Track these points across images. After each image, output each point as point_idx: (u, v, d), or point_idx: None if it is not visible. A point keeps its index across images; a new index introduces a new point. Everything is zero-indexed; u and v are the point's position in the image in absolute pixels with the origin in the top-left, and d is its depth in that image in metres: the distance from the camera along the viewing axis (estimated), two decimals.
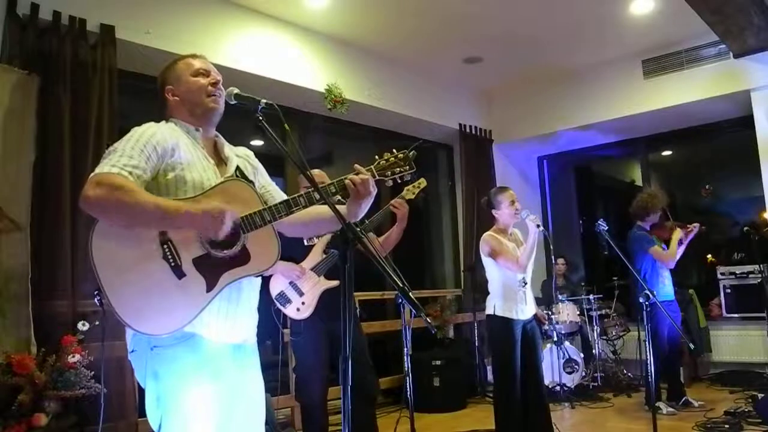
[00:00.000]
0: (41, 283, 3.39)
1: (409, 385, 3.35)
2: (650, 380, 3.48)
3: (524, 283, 3.61)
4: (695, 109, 5.93)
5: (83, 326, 3.31)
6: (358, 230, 1.66)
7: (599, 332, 5.97)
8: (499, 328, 3.59)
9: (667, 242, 4.87)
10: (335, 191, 1.79)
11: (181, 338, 1.61)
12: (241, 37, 4.70)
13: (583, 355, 5.77)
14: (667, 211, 4.91)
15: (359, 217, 1.87)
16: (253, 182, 1.88)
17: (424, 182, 3.37)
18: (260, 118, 1.74)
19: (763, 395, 4.46)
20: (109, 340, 3.08)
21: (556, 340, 5.52)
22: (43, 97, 3.51)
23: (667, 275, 4.82)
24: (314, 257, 3.34)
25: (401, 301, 3.18)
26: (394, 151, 1.87)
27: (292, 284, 3.28)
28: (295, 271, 3.25)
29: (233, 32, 4.65)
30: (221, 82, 1.86)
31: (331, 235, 3.26)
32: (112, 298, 1.56)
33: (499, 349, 3.64)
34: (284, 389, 4.32)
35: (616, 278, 6.31)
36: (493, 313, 3.60)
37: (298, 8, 4.83)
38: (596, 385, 5.76)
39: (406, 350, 3.42)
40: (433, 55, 5.82)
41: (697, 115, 6.16)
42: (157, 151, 1.68)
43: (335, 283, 3.28)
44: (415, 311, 1.63)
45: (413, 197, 3.35)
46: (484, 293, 3.77)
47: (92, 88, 3.74)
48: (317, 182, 1.70)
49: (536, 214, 3.61)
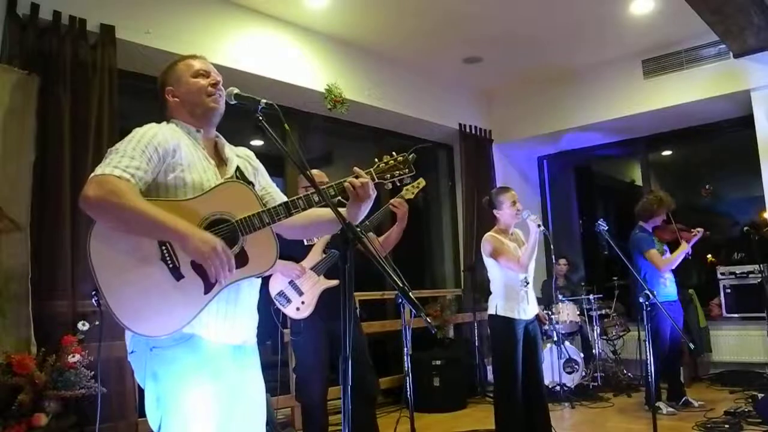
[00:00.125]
0: (41, 283, 3.38)
1: (409, 385, 3.35)
2: (650, 380, 3.48)
3: (526, 282, 3.61)
4: (695, 109, 5.93)
5: (83, 326, 3.31)
6: (357, 230, 1.65)
7: (599, 332, 5.97)
8: (501, 327, 3.59)
9: (669, 244, 4.86)
10: (334, 194, 1.79)
11: (180, 339, 1.61)
12: (241, 37, 4.69)
13: (583, 355, 5.77)
14: (670, 214, 4.89)
15: (359, 219, 1.86)
16: (252, 183, 1.87)
17: (423, 182, 3.37)
18: (260, 118, 1.74)
19: (763, 395, 4.46)
20: (109, 340, 3.07)
21: (556, 340, 5.52)
22: (43, 97, 3.50)
23: (669, 276, 4.80)
24: (314, 257, 3.35)
25: (401, 301, 3.18)
26: (393, 153, 1.86)
27: (291, 284, 3.28)
28: (294, 270, 3.25)
29: (233, 32, 4.65)
30: (221, 82, 1.86)
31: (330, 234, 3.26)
32: (109, 299, 1.56)
33: (500, 348, 3.64)
34: (284, 389, 4.32)
35: (616, 278, 6.32)
36: (495, 312, 3.60)
37: (298, 8, 4.83)
38: (596, 385, 5.75)
39: (406, 350, 3.42)
40: (433, 55, 5.82)
41: (697, 115, 6.16)
42: (158, 152, 1.67)
43: (335, 282, 3.28)
44: (415, 311, 1.64)
45: (412, 197, 3.35)
46: (484, 293, 3.77)
47: (92, 88, 3.74)
48: (316, 182, 1.69)
49: (536, 214, 3.61)
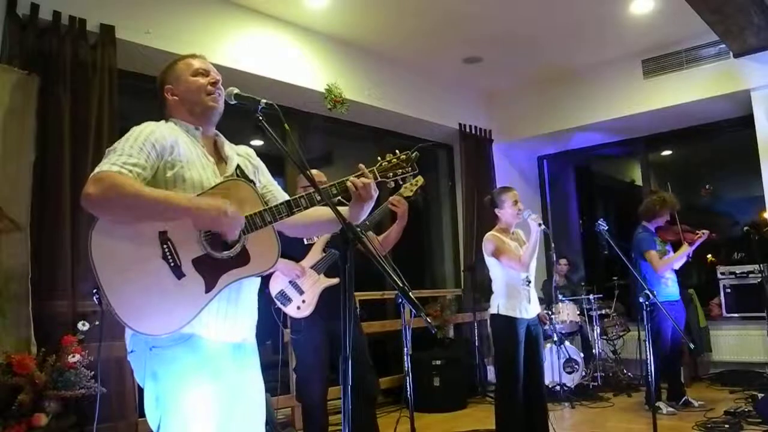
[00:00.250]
0: (41, 283, 3.38)
1: (409, 384, 3.35)
2: (650, 380, 3.48)
3: (528, 281, 3.61)
4: (695, 108, 5.93)
5: (83, 326, 3.31)
6: (357, 230, 1.65)
7: (599, 332, 5.97)
8: (503, 327, 3.59)
9: (674, 244, 4.86)
10: (336, 193, 1.79)
11: (179, 339, 1.61)
12: (241, 37, 4.69)
13: (583, 354, 5.77)
14: (675, 215, 4.88)
15: (361, 219, 1.87)
16: (253, 182, 1.87)
17: (421, 180, 3.37)
18: (260, 118, 1.74)
19: (763, 395, 4.46)
20: (108, 340, 3.07)
21: (556, 339, 5.52)
22: (43, 97, 3.50)
23: (671, 276, 4.79)
24: (314, 255, 3.35)
25: (401, 300, 3.18)
26: (396, 152, 1.87)
27: (292, 283, 3.28)
28: (295, 270, 3.25)
29: (233, 32, 4.64)
30: (221, 81, 1.86)
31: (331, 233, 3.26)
32: (111, 297, 1.56)
33: (502, 348, 3.64)
34: (284, 389, 4.32)
35: (616, 278, 6.32)
36: (497, 312, 3.60)
37: (298, 8, 4.83)
38: (596, 384, 5.75)
39: (406, 350, 3.42)
40: (433, 55, 5.81)
41: (697, 114, 6.16)
42: (156, 148, 1.68)
43: (335, 280, 3.29)
44: (415, 311, 1.64)
45: (411, 194, 3.35)
46: (484, 293, 3.77)
47: (92, 88, 3.74)
48: (316, 182, 1.69)
49: (537, 213, 3.61)
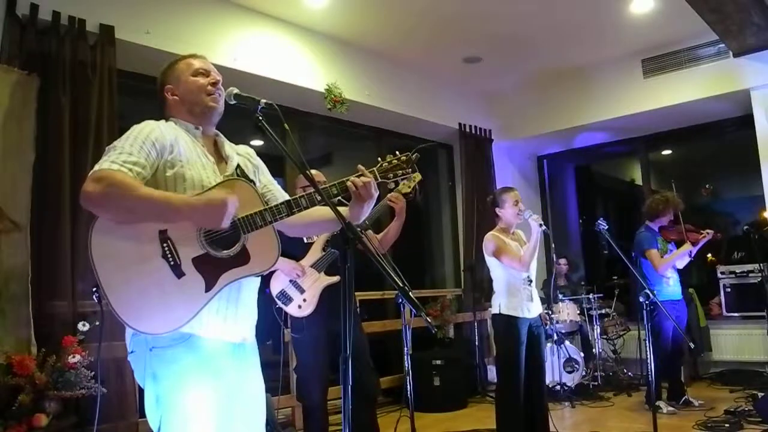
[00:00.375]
0: (41, 283, 3.38)
1: (409, 384, 3.35)
2: (651, 379, 3.48)
3: (529, 281, 3.61)
4: (695, 108, 5.93)
5: (83, 326, 3.31)
6: (357, 230, 1.65)
7: (599, 331, 5.97)
8: (504, 326, 3.59)
9: (678, 244, 4.85)
10: (337, 192, 1.79)
11: (179, 339, 1.61)
12: (241, 37, 4.69)
13: (583, 354, 5.76)
14: (679, 214, 4.88)
15: (361, 220, 1.87)
16: (253, 181, 1.87)
17: (419, 176, 3.36)
18: (260, 118, 1.74)
19: (763, 394, 4.46)
20: (109, 340, 3.07)
21: (556, 339, 5.52)
22: (43, 97, 3.50)
23: (672, 275, 4.78)
24: (314, 254, 3.35)
25: (401, 300, 3.18)
26: (396, 153, 1.87)
27: (292, 282, 3.29)
28: (296, 269, 3.26)
29: (233, 32, 4.64)
30: (221, 81, 1.86)
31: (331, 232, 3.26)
32: (110, 296, 1.55)
33: (504, 348, 3.63)
34: (285, 389, 4.32)
35: (616, 278, 6.32)
36: (498, 311, 3.60)
37: (298, 8, 4.83)
38: (596, 384, 5.75)
39: (406, 350, 3.42)
40: (433, 55, 5.81)
41: (696, 114, 6.16)
42: (155, 147, 1.68)
43: (336, 279, 3.29)
44: (415, 311, 1.64)
45: (409, 191, 3.34)
46: (484, 293, 3.77)
47: (92, 88, 3.74)
48: (316, 182, 1.69)
49: (537, 213, 3.62)
